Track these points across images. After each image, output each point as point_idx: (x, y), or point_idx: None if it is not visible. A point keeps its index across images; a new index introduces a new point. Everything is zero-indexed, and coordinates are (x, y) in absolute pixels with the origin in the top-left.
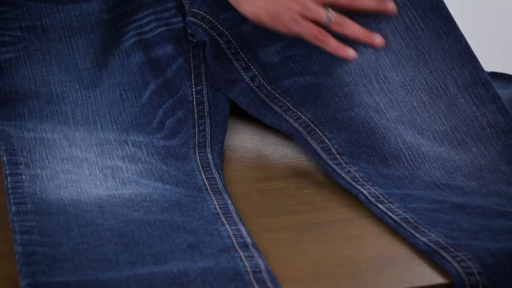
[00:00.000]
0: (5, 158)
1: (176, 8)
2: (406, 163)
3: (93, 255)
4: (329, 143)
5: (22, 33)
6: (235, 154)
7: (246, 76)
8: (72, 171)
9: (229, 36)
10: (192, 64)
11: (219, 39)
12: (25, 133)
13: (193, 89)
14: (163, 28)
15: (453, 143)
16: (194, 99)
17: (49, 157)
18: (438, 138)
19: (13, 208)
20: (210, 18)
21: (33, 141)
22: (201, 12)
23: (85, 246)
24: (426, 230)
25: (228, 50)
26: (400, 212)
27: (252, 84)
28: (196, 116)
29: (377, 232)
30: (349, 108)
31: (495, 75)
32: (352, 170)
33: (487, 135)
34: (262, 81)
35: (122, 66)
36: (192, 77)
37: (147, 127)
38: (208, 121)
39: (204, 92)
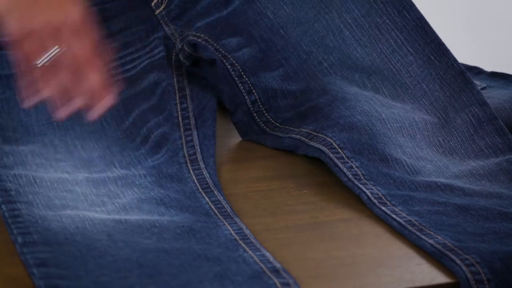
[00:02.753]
0: None
1: (159, 39)
2: (406, 167)
3: None
4: (331, 140)
5: (1, 80)
6: (234, 154)
7: (248, 100)
8: (66, 196)
9: (231, 59)
10: (176, 87)
11: (224, 60)
12: (5, 158)
13: (178, 107)
14: (146, 62)
15: (451, 160)
16: (180, 115)
17: (37, 181)
18: (437, 154)
19: (20, 239)
20: (212, 42)
21: (15, 166)
22: (203, 35)
23: (107, 278)
24: (432, 233)
25: (233, 72)
26: (404, 214)
27: (252, 109)
28: (182, 128)
29: (377, 232)
30: (351, 115)
31: (495, 75)
32: (354, 166)
33: (485, 155)
34: (261, 107)
35: None
36: (177, 97)
37: (130, 143)
38: (195, 132)
39: (189, 109)
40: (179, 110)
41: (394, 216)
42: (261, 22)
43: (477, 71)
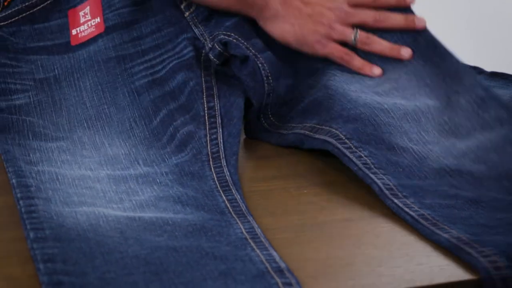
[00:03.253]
0: (14, 181)
1: (188, 39)
2: (413, 153)
3: (122, 285)
4: (337, 131)
5: (35, 83)
6: None
7: (264, 101)
8: (85, 193)
9: (261, 58)
10: (204, 86)
11: (256, 59)
12: (31, 154)
13: (205, 106)
14: (175, 62)
15: (458, 136)
16: (206, 114)
17: (59, 178)
18: (443, 134)
19: (31, 235)
20: (243, 40)
21: (40, 163)
22: (233, 34)
23: (112, 275)
24: (446, 227)
25: (263, 71)
26: (416, 208)
27: (260, 110)
28: (208, 127)
29: (377, 232)
30: (354, 108)
31: (495, 75)
32: (363, 155)
33: (490, 127)
34: (269, 110)
35: (133, 104)
36: (204, 96)
37: (157, 142)
38: (220, 130)
39: (216, 108)
40: (205, 108)
41: (407, 209)
42: None
43: (477, 71)
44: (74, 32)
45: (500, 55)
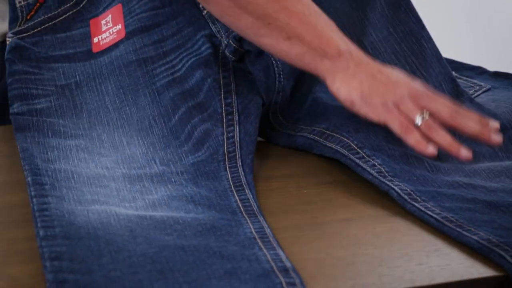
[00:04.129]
0: (29, 179)
1: (205, 36)
2: (426, 164)
3: (126, 283)
4: (348, 141)
5: (56, 89)
6: None
7: (273, 99)
8: (99, 192)
9: (275, 57)
10: (222, 82)
11: (271, 56)
12: (49, 152)
13: (223, 102)
14: (193, 59)
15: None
16: (224, 111)
17: (75, 176)
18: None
19: (41, 233)
20: None
21: (57, 160)
22: None
23: (118, 273)
24: (472, 229)
25: (276, 68)
26: (438, 211)
27: (269, 108)
28: (225, 124)
29: (377, 232)
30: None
31: (498, 75)
32: (376, 164)
33: (499, 158)
34: (277, 109)
35: (153, 102)
36: (222, 93)
37: (175, 141)
38: (237, 128)
39: (234, 104)
40: (223, 105)
41: (429, 212)
42: None
43: (480, 71)
44: (96, 40)
45: (501, 54)
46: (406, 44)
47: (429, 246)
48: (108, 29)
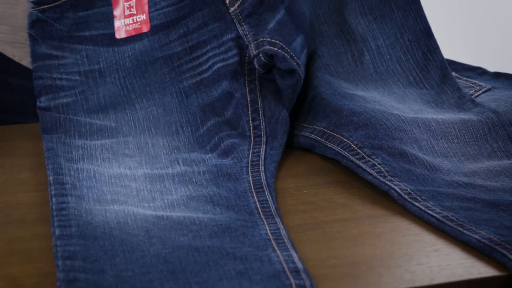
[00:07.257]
0: (51, 178)
1: (232, 40)
2: (425, 163)
3: (137, 283)
4: (348, 141)
5: (80, 77)
6: None
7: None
8: (120, 191)
9: (302, 66)
10: (248, 99)
11: (300, 72)
12: (74, 152)
13: (251, 125)
14: (220, 64)
15: (466, 155)
16: (252, 134)
17: (97, 176)
18: (452, 143)
19: (57, 232)
20: (286, 47)
21: (81, 160)
22: (278, 42)
23: (129, 273)
24: (473, 228)
25: (301, 82)
26: (438, 210)
27: None
28: (252, 143)
29: (377, 232)
30: (364, 112)
31: (499, 76)
32: (376, 163)
33: (498, 157)
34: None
35: (181, 106)
36: (249, 112)
37: (200, 148)
38: (264, 146)
39: (262, 127)
40: (251, 128)
41: (430, 212)
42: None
43: (480, 72)
44: (118, 24)
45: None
46: (412, 56)
47: (429, 246)
48: (131, 15)
